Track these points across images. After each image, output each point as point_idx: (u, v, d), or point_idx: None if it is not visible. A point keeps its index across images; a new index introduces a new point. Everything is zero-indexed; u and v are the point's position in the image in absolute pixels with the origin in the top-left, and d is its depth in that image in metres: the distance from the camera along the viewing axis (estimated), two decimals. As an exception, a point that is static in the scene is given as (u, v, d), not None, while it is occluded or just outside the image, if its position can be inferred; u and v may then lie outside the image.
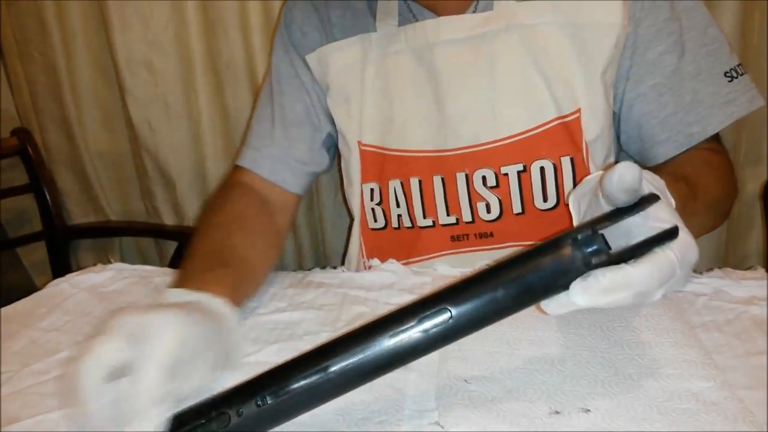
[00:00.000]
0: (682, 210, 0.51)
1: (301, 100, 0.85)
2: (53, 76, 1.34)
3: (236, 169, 0.87)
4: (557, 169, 0.74)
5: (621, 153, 0.82)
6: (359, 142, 0.82)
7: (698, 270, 0.68)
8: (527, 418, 0.45)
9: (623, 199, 0.43)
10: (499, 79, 0.74)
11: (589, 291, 0.40)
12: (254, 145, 0.86)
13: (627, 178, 0.42)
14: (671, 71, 0.73)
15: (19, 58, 1.36)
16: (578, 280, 0.40)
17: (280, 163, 0.84)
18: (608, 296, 0.40)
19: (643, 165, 0.70)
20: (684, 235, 0.43)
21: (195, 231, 0.73)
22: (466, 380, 0.50)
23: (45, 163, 1.39)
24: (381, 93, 0.80)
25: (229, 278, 0.61)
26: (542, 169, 0.75)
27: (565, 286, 0.41)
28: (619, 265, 0.40)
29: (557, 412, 0.46)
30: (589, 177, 0.51)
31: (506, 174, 0.75)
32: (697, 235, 0.59)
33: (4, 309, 0.69)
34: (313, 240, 1.44)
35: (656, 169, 0.53)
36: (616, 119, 0.79)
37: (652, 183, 0.49)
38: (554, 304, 0.42)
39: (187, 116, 1.32)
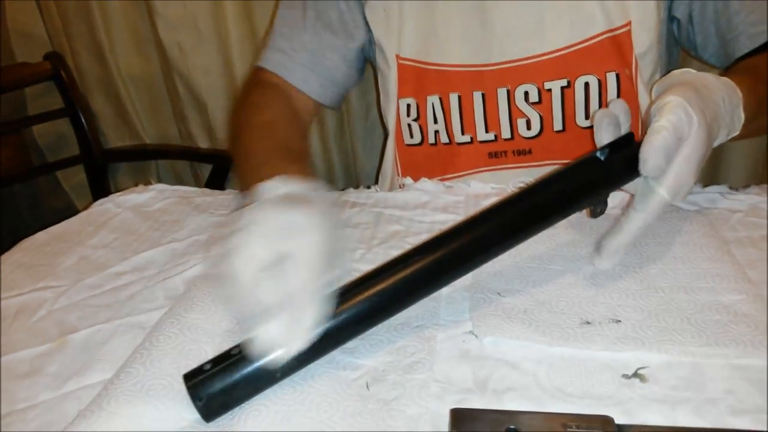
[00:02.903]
0: (757, 109, 0.59)
1: (336, 5, 0.82)
2: (82, -1, 1.34)
3: (261, 70, 0.84)
4: (602, 86, 0.73)
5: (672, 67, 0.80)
6: (397, 56, 0.80)
7: (735, 186, 0.67)
8: (559, 328, 0.47)
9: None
10: None
11: (606, 257, 0.52)
12: (282, 47, 0.82)
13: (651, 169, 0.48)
14: None
15: (48, -20, 1.36)
16: (595, 254, 0.53)
17: (311, 72, 0.82)
18: (620, 253, 0.52)
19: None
20: (678, 167, 0.49)
21: (238, 129, 0.73)
22: (499, 293, 0.52)
23: (78, 88, 1.41)
24: (423, 4, 0.77)
25: (310, 172, 0.59)
26: (587, 84, 0.73)
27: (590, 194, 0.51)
28: (619, 228, 0.51)
29: (588, 323, 0.47)
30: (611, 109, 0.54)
31: (549, 90, 0.74)
32: (760, 128, 0.66)
33: (53, 228, 0.72)
34: (344, 162, 1.45)
35: (728, 71, 0.59)
36: (684, 26, 0.76)
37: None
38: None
39: (216, 37, 1.32)
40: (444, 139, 0.81)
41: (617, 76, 0.73)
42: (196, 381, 0.42)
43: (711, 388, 0.41)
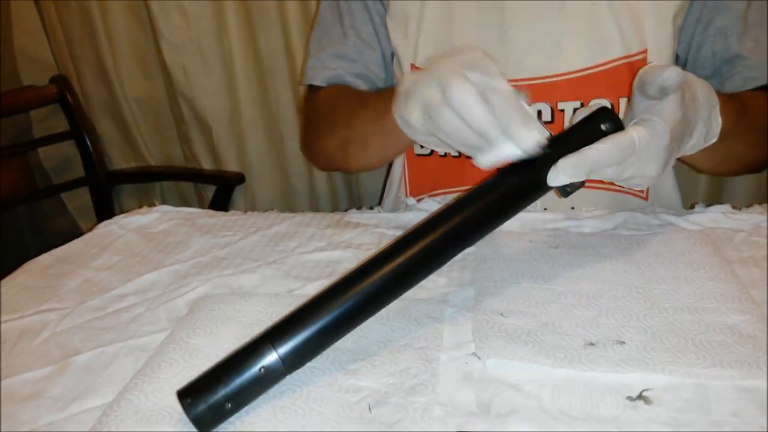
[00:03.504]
0: (734, 122, 0.60)
1: (369, 21, 0.84)
2: (88, 22, 1.36)
3: (312, 88, 0.86)
4: (614, 110, 0.74)
5: None
6: (412, 65, 0.81)
7: (738, 206, 0.67)
8: (563, 350, 0.47)
9: (654, 92, 0.51)
10: (569, 12, 0.73)
11: (558, 170, 0.49)
12: (331, 66, 0.84)
13: (670, 83, 0.49)
14: (738, 15, 0.73)
15: (55, 5, 1.38)
16: (551, 169, 0.49)
17: (361, 80, 0.84)
18: (574, 173, 0.49)
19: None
20: (653, 123, 0.51)
21: (328, 123, 0.79)
22: (502, 314, 0.52)
23: (84, 110, 1.42)
24: (442, 16, 0.77)
25: None
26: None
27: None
28: (582, 150, 0.49)
29: (592, 344, 0.47)
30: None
31: (563, 110, 0.75)
32: (742, 154, 0.69)
33: (58, 250, 0.73)
34: (347, 182, 1.45)
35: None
36: (682, 64, 0.78)
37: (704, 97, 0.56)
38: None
39: (220, 60, 1.33)
40: (454, 151, 0.81)
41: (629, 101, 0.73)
42: (187, 388, 0.43)
43: (716, 410, 0.41)
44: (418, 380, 0.45)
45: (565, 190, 0.52)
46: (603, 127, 0.52)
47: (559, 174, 0.49)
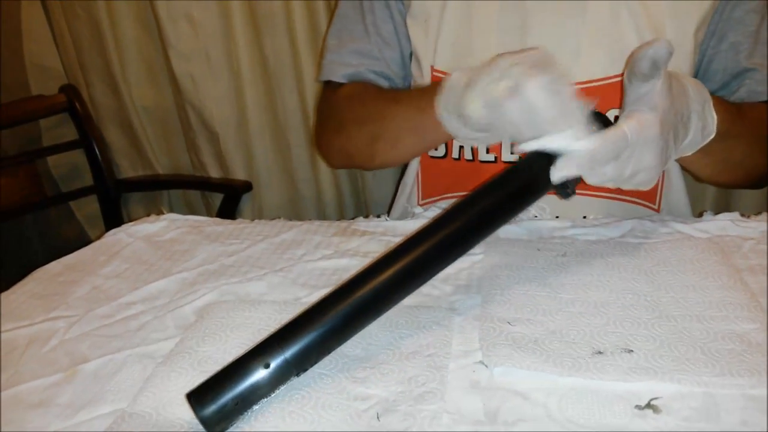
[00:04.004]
0: (731, 122, 0.62)
1: (390, 19, 0.83)
2: (97, 32, 1.37)
3: (330, 84, 0.86)
4: None
5: None
6: (431, 67, 0.80)
7: (745, 214, 0.67)
8: (570, 358, 0.46)
9: (645, 67, 0.52)
10: (590, 21, 0.73)
11: (557, 166, 0.52)
12: (352, 62, 0.84)
13: (661, 53, 0.51)
14: (751, 32, 0.73)
15: (64, 14, 1.39)
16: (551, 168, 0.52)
17: (382, 78, 0.84)
18: (572, 168, 0.51)
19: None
20: (641, 113, 0.52)
21: (356, 111, 0.80)
22: (509, 322, 0.52)
23: (93, 119, 1.43)
24: (463, 17, 0.77)
25: None
26: (615, 118, 0.74)
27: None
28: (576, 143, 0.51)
29: (600, 353, 0.47)
30: None
31: None
32: (740, 159, 0.70)
33: (66, 257, 0.73)
34: (354, 190, 1.45)
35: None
36: (694, 74, 0.78)
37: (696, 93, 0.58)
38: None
39: (228, 68, 1.34)
40: (468, 155, 0.81)
41: None
42: (197, 391, 0.43)
43: (725, 419, 0.41)
44: (427, 388, 0.45)
45: (566, 192, 0.54)
46: (593, 128, 0.53)
47: (557, 171, 0.52)
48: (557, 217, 0.74)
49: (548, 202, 0.77)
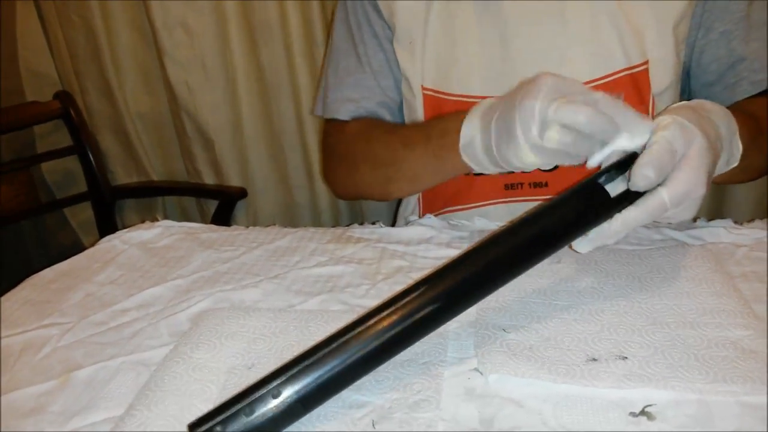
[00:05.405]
0: (751, 142, 0.60)
1: (381, 49, 0.84)
2: (92, 38, 1.37)
3: (334, 120, 0.87)
4: None
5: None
6: (422, 86, 0.81)
7: (740, 221, 0.68)
8: (565, 365, 0.46)
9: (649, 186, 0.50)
10: (569, 26, 0.74)
11: (588, 241, 0.52)
12: (353, 97, 0.85)
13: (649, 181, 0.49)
14: (740, 18, 0.73)
15: (59, 20, 1.39)
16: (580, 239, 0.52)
17: (384, 108, 0.85)
18: (603, 241, 0.51)
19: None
20: (681, 174, 0.49)
21: (367, 151, 0.80)
22: (504, 329, 0.52)
23: (87, 126, 1.43)
24: (444, 35, 0.78)
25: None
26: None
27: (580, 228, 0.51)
28: (611, 216, 0.50)
29: (594, 359, 0.47)
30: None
31: None
32: (760, 164, 0.69)
33: (60, 264, 0.73)
34: (350, 197, 1.45)
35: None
36: (686, 70, 0.79)
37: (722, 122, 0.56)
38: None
39: (223, 76, 1.34)
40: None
41: None
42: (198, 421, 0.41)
43: (719, 425, 0.41)
44: (422, 396, 0.45)
45: None
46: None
47: (586, 244, 0.52)
48: None
49: None
